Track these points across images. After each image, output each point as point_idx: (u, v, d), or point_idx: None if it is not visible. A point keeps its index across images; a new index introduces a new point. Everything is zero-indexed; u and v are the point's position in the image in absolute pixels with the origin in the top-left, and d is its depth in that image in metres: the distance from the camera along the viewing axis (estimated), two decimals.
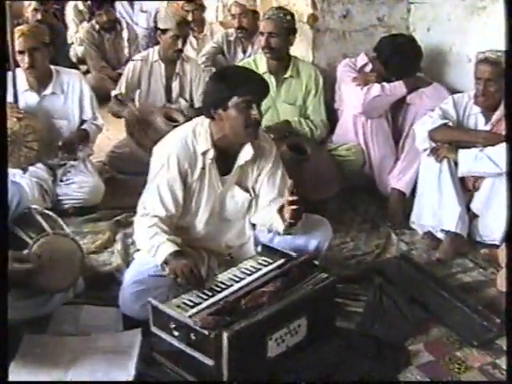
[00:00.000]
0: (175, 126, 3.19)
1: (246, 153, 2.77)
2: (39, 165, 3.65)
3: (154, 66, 4.34)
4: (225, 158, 2.79)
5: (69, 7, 7.04)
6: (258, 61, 3.99)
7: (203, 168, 2.75)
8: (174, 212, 2.73)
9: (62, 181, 3.76)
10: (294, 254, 2.70)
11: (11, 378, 2.21)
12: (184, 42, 4.29)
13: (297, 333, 2.47)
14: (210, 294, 2.46)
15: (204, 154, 2.73)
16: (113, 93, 4.41)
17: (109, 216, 3.72)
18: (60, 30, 6.04)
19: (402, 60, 3.85)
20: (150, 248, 2.62)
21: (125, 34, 6.24)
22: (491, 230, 3.39)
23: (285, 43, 3.85)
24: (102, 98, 4.41)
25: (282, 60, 3.91)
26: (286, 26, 3.82)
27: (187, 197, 2.78)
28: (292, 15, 3.89)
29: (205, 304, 2.38)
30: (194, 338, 2.28)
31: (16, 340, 2.51)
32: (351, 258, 3.38)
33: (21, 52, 3.52)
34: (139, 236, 2.73)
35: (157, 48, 4.37)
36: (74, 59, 6.39)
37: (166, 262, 2.57)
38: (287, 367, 2.43)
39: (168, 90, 4.37)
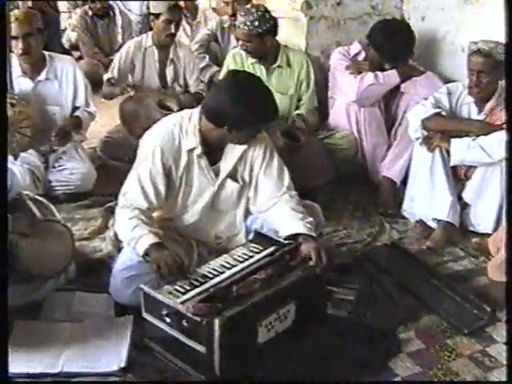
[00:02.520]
0: (167, 115, 3.17)
1: (240, 147, 2.77)
2: (31, 151, 3.62)
3: (147, 51, 4.34)
4: (213, 150, 2.78)
5: None
6: None
7: (188, 163, 2.74)
8: (155, 204, 2.72)
9: (54, 167, 3.75)
10: (285, 241, 2.69)
11: None
12: (177, 27, 4.29)
13: (286, 318, 2.49)
14: (202, 280, 2.46)
15: (190, 150, 2.72)
16: (105, 76, 4.39)
17: (101, 202, 3.70)
18: (52, 16, 6.01)
19: (395, 44, 3.84)
20: (130, 240, 2.61)
21: (118, 21, 6.21)
22: (483, 219, 3.41)
23: (261, 44, 3.82)
24: (95, 84, 4.37)
25: (267, 53, 3.90)
26: (257, 32, 3.76)
27: (173, 191, 2.78)
28: (265, 13, 3.79)
29: (197, 290, 2.38)
30: (185, 324, 2.29)
31: (8, 326, 2.50)
32: (343, 245, 3.40)
33: (14, 37, 3.49)
34: (120, 228, 2.71)
35: (150, 33, 4.37)
36: (66, 45, 6.35)
37: (147, 254, 2.56)
38: (278, 356, 2.43)
39: (162, 75, 4.36)
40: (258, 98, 2.60)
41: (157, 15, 4.20)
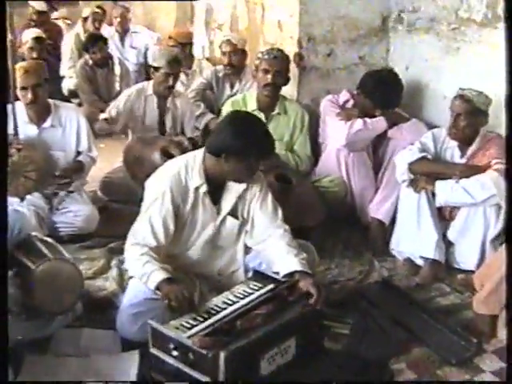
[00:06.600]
0: None
1: (239, 186, 2.94)
2: (36, 194, 3.74)
3: (148, 99, 4.46)
4: (216, 189, 2.94)
5: (68, 37, 7.11)
6: (247, 98, 4.16)
7: (194, 201, 2.89)
8: (163, 243, 2.84)
9: (57, 209, 3.86)
10: (283, 279, 2.81)
11: None
12: (175, 80, 4.42)
13: (287, 352, 2.60)
14: (206, 316, 2.57)
15: (197, 188, 2.87)
16: (101, 116, 4.51)
17: (102, 243, 3.81)
18: (53, 63, 6.18)
19: (385, 91, 4.00)
20: (141, 275, 2.72)
21: (117, 70, 6.36)
22: (466, 256, 3.53)
23: (286, 80, 4.08)
24: (94, 130, 4.51)
25: (274, 97, 4.09)
26: (286, 65, 4.05)
27: (179, 227, 2.90)
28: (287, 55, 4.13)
29: (202, 325, 2.50)
30: (192, 357, 2.38)
31: (19, 360, 2.60)
32: (335, 283, 3.50)
33: (23, 88, 3.65)
34: (131, 264, 2.83)
35: (151, 82, 4.49)
36: (65, 92, 6.49)
37: (158, 289, 2.67)
38: None
39: (161, 122, 4.49)
40: (256, 131, 2.81)
41: (156, 68, 4.33)
